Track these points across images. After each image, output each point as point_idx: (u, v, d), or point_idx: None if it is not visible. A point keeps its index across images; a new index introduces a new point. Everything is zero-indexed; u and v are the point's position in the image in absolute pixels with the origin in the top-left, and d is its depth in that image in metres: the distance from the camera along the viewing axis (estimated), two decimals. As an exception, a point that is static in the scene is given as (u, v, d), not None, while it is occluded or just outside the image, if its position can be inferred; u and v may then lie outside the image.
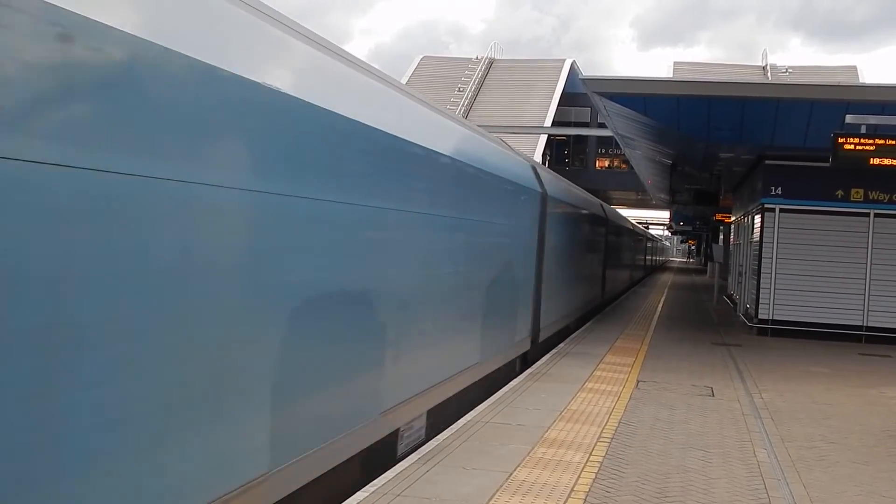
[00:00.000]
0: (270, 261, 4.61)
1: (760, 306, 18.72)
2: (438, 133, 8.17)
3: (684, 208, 42.94)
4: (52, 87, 3.05)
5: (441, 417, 8.29)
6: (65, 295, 3.16)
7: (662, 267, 75.63)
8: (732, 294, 28.07)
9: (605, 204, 27.35)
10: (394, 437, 7.01)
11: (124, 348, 3.49)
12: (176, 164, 3.72)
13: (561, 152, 57.17)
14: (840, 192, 18.21)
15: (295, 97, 4.78)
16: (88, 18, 3.17)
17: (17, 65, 2.86)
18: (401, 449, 7.21)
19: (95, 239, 3.29)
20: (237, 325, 4.35)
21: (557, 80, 54.02)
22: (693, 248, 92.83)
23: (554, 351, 14.04)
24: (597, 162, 57.40)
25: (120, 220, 3.41)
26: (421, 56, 59.51)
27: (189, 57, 3.79)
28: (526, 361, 12.80)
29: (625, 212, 52.46)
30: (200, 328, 4.03)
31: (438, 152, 7.80)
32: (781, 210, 18.53)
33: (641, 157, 26.25)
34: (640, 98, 16.36)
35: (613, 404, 9.76)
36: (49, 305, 3.09)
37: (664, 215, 68.41)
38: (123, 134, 3.41)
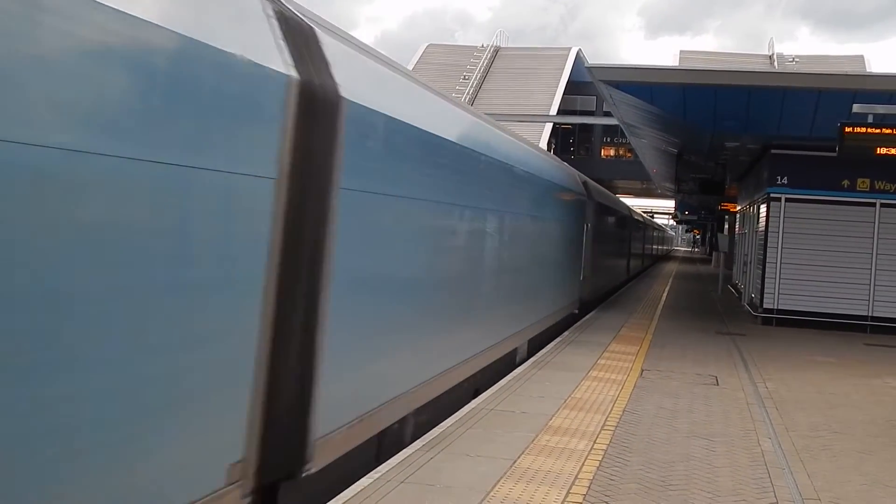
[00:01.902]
0: None
1: (765, 296, 18.70)
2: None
3: (689, 198, 42.85)
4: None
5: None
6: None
7: (667, 256, 75.57)
8: (737, 283, 28.04)
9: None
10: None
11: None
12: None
13: (566, 141, 57.05)
14: (846, 182, 18.16)
15: None
16: None
17: None
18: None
19: None
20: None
21: (563, 69, 53.82)
22: (698, 237, 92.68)
23: (558, 339, 14.06)
24: (602, 151, 57.27)
25: None
26: (426, 44, 59.36)
27: None
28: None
29: (630, 201, 52.40)
30: None
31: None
32: (787, 199, 18.48)
33: (647, 146, 26.18)
34: (646, 87, 16.29)
35: (618, 393, 9.77)
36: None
37: (669, 204, 68.29)
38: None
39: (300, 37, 5.01)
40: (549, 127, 48.22)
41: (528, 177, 11.72)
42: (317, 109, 4.92)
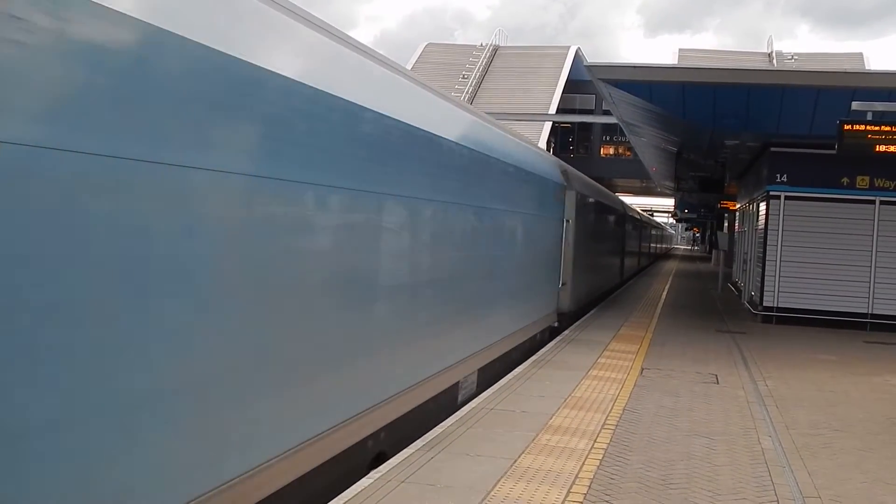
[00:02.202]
0: None
1: (765, 294, 18.70)
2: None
3: (689, 196, 42.84)
4: None
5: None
6: None
7: (667, 254, 75.61)
8: (737, 282, 28.04)
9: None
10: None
11: None
12: None
13: (566, 140, 57.05)
14: (845, 180, 18.16)
15: None
16: None
17: None
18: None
19: None
20: None
21: (562, 68, 53.83)
22: (697, 235, 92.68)
23: (559, 338, 14.05)
24: (601, 149, 57.26)
25: None
26: (425, 43, 59.34)
27: None
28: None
29: (629, 199, 52.43)
30: None
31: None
32: (787, 197, 18.49)
33: (646, 144, 26.17)
34: (645, 85, 16.28)
35: (618, 391, 9.77)
36: None
37: (669, 203, 68.28)
38: None
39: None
40: (548, 126, 48.25)
41: (471, 155, 9.18)
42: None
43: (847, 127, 13.88)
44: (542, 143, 43.64)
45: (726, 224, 41.50)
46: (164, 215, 3.93)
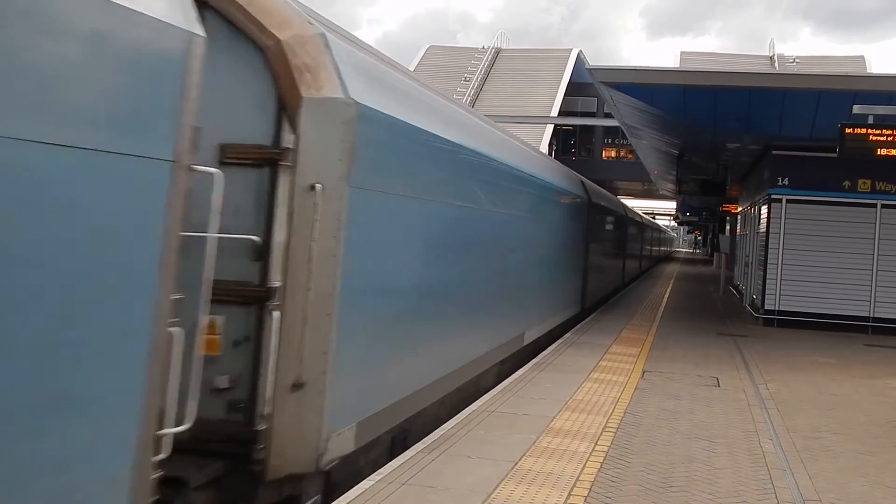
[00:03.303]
0: None
1: (767, 297, 18.70)
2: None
3: (691, 199, 42.80)
4: None
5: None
6: None
7: (668, 257, 75.56)
8: (738, 285, 28.04)
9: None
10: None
11: None
12: None
13: (567, 142, 57.06)
14: (847, 183, 18.17)
15: None
16: None
17: None
18: None
19: None
20: None
21: (564, 70, 53.82)
22: (699, 238, 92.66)
23: (560, 341, 14.06)
24: (603, 152, 57.26)
25: None
26: (428, 45, 59.39)
27: None
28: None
29: (631, 202, 52.40)
30: None
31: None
32: (788, 201, 18.50)
33: (648, 146, 26.19)
34: (646, 88, 16.30)
35: (619, 394, 9.78)
36: None
37: (671, 206, 68.15)
38: None
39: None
40: (549, 128, 48.21)
41: None
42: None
43: (848, 130, 13.90)
44: (544, 146, 43.61)
45: (728, 227, 41.49)
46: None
